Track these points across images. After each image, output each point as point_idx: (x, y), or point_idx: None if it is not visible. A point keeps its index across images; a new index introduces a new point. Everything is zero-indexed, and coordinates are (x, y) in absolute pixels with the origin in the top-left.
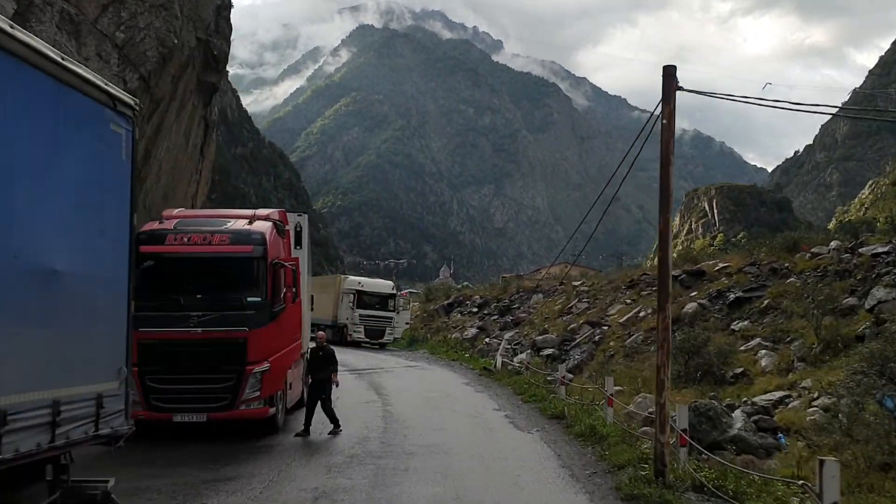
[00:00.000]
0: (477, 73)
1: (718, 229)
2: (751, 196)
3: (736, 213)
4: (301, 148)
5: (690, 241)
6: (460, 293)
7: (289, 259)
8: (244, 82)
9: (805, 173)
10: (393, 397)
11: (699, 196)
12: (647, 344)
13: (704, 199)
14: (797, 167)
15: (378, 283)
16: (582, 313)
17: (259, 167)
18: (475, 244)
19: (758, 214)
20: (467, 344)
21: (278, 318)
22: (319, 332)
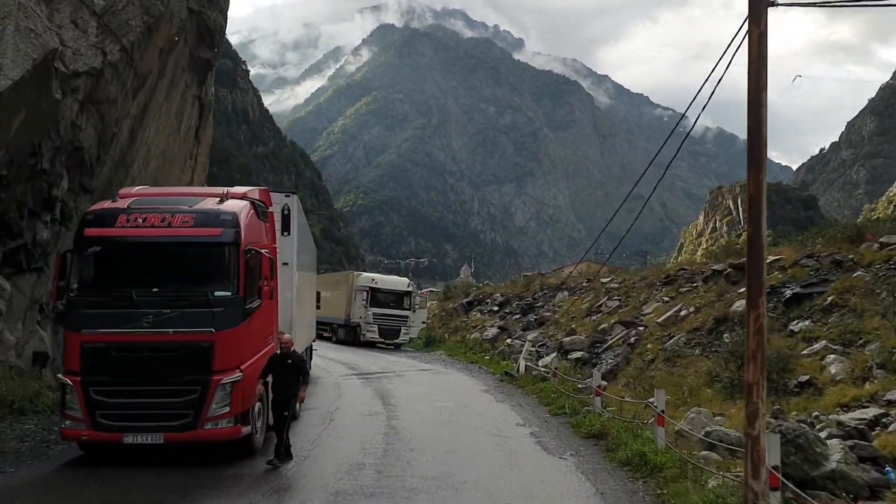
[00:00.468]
0: (498, 72)
1: (743, 228)
2: (776, 194)
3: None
4: (322, 147)
5: (715, 239)
6: (480, 291)
7: (268, 246)
8: (266, 82)
9: (831, 171)
10: (401, 408)
11: (723, 194)
12: (690, 346)
13: (729, 197)
14: (823, 165)
15: (393, 279)
16: (613, 312)
17: (280, 166)
18: (496, 243)
19: (783, 212)
20: (487, 345)
21: (252, 318)
22: (285, 335)
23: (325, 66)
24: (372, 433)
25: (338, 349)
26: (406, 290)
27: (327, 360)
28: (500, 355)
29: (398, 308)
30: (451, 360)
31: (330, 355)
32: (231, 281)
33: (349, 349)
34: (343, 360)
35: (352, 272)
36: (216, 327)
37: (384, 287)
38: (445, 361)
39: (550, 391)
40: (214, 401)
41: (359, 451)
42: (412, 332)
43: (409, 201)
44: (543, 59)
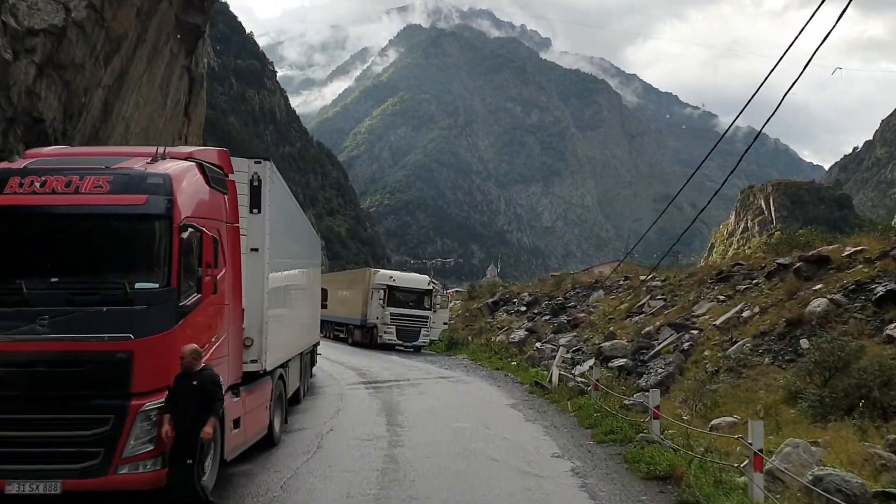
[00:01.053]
0: (525, 71)
1: (776, 227)
2: (809, 193)
3: (793, 210)
4: (349, 148)
5: (746, 239)
6: (506, 290)
7: (222, 224)
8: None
9: (864, 170)
10: (408, 430)
11: (755, 193)
12: (758, 354)
13: (761, 197)
14: (856, 164)
15: (412, 277)
16: (658, 313)
17: (307, 166)
18: (523, 243)
19: (816, 212)
20: (514, 349)
21: (189, 319)
22: (187, 345)
23: (352, 68)
24: (366, 468)
25: (352, 352)
26: (426, 289)
27: (336, 366)
28: (529, 361)
29: (418, 308)
30: (475, 366)
31: (341, 359)
32: (159, 268)
33: (364, 352)
34: (355, 364)
35: (368, 269)
36: (136, 332)
37: (403, 285)
38: (468, 367)
39: (591, 409)
40: (133, 435)
41: (342, 497)
42: (433, 333)
43: (436, 201)
44: (571, 58)
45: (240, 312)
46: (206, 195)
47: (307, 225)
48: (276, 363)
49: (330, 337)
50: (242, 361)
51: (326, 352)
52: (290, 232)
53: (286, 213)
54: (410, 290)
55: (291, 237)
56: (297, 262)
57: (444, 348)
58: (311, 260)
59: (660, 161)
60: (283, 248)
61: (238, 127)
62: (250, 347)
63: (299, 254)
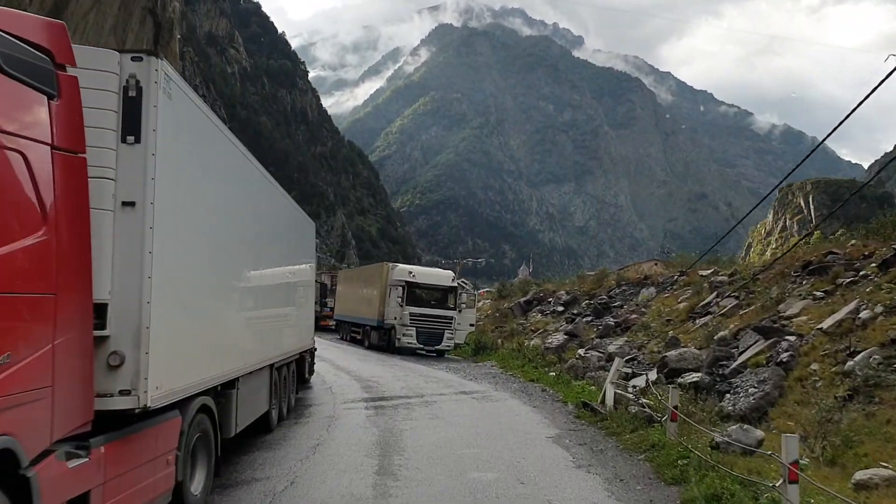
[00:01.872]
0: (557, 70)
1: (815, 226)
2: (850, 191)
3: (833, 209)
4: (380, 148)
5: (785, 238)
6: (540, 288)
7: (18, 143)
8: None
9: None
10: (403, 485)
11: (794, 192)
12: (893, 369)
13: (800, 195)
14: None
15: (434, 273)
16: (730, 314)
17: (338, 166)
18: (555, 243)
19: (858, 210)
20: (552, 356)
21: None
22: None
23: (384, 68)
24: None
25: (364, 357)
26: (450, 286)
27: (340, 374)
28: (571, 372)
29: (441, 307)
30: (505, 377)
31: (350, 365)
32: None
33: (378, 357)
34: (363, 373)
35: (386, 264)
36: None
37: (424, 281)
38: (497, 378)
39: (671, 451)
40: None
41: None
42: (458, 336)
43: (467, 201)
44: (604, 56)
45: (86, 309)
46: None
47: (281, 198)
48: (190, 390)
49: (346, 339)
50: (98, 394)
51: (336, 356)
52: (226, 190)
53: (210, 154)
54: (432, 287)
55: (235, 200)
56: (254, 241)
57: (470, 353)
58: (291, 245)
59: (695, 160)
60: (200, 208)
61: (270, 126)
62: (118, 369)
63: (265, 235)
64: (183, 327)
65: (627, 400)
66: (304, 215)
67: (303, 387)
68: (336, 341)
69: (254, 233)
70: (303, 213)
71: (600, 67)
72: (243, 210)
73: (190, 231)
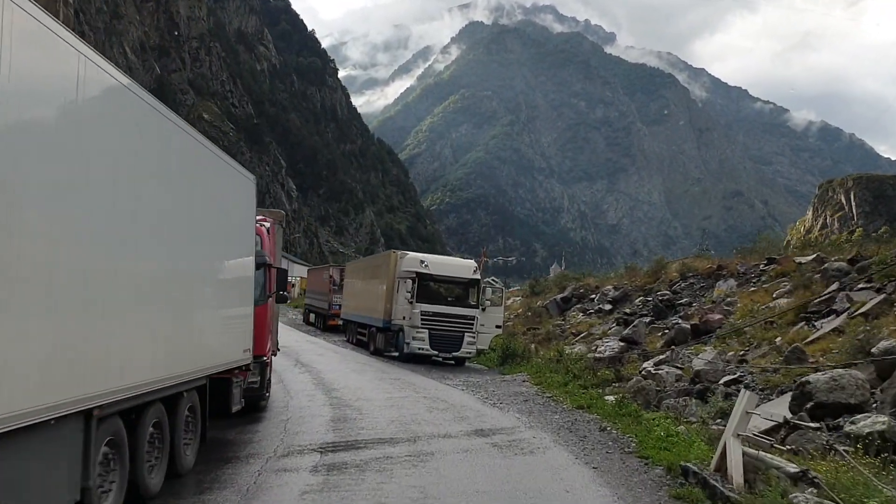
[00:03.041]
0: (589, 66)
1: (856, 223)
2: (893, 187)
3: (876, 205)
4: (410, 146)
5: (826, 236)
6: (580, 284)
7: None
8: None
9: None
10: None
11: (834, 188)
12: None
13: (841, 192)
14: None
15: (452, 262)
16: (879, 312)
17: (367, 164)
18: (587, 241)
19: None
20: (607, 371)
21: None
22: None
23: (415, 66)
24: None
25: (363, 366)
26: (472, 278)
27: (318, 393)
28: (639, 397)
29: (460, 305)
30: (542, 401)
31: (338, 380)
32: None
33: (381, 366)
34: (348, 392)
35: (394, 252)
36: None
37: (439, 273)
38: (531, 401)
39: None
40: None
41: None
42: (481, 341)
43: (497, 199)
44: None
45: None
46: None
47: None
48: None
49: (352, 341)
50: None
51: (327, 365)
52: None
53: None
54: (449, 280)
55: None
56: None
57: (496, 361)
58: (237, 240)
59: (729, 157)
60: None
61: (298, 124)
62: None
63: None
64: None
65: (773, 470)
66: (232, 168)
67: (247, 417)
68: (340, 344)
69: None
70: (229, 166)
71: (633, 64)
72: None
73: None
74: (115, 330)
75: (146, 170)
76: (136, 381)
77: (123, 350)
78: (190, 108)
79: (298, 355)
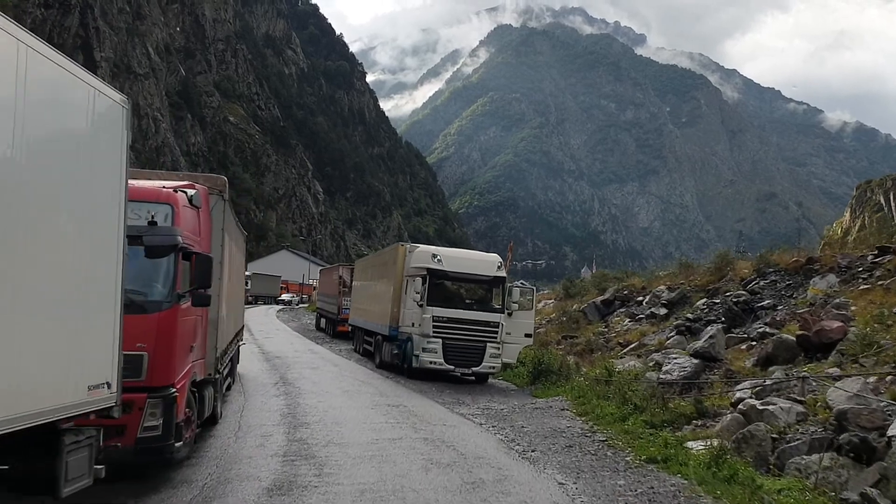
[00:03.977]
0: (619, 68)
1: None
2: None
3: None
4: (439, 149)
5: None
6: (624, 284)
7: None
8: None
9: None
10: None
11: (873, 188)
12: None
13: (879, 192)
14: None
15: (471, 257)
16: None
17: (395, 167)
18: (617, 244)
19: None
20: (682, 401)
21: None
22: None
23: (443, 70)
24: None
25: (360, 385)
26: (496, 276)
27: (279, 428)
28: (747, 449)
29: (481, 309)
30: (593, 445)
31: (314, 408)
32: None
33: (382, 385)
34: (316, 430)
35: (401, 245)
36: None
37: (455, 269)
38: (577, 450)
39: None
40: None
41: None
42: (507, 352)
43: (526, 202)
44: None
45: None
46: None
47: None
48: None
49: (359, 351)
50: None
51: (317, 383)
52: None
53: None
54: (468, 279)
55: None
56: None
57: (527, 378)
58: None
59: (763, 158)
60: None
61: (326, 127)
62: None
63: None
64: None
65: None
66: (75, 80)
67: (127, 482)
68: (345, 354)
69: None
70: (68, 74)
71: (664, 65)
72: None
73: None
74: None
75: None
76: None
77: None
78: (215, 111)
79: (288, 369)
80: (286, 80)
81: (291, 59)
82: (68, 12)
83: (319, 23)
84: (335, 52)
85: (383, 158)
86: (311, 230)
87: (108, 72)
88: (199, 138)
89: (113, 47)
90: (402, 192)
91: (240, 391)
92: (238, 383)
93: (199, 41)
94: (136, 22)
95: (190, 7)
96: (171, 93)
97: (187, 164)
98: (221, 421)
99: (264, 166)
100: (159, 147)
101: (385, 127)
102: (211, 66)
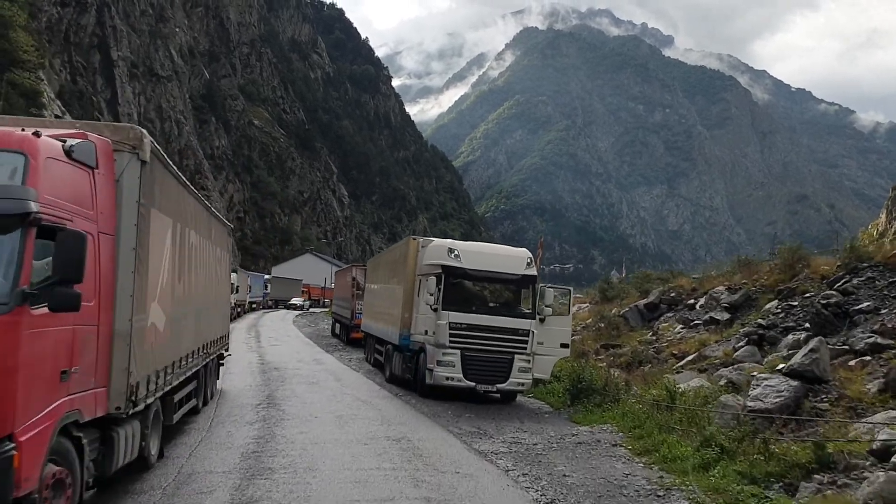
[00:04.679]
0: (647, 69)
1: None
2: None
3: None
4: (465, 153)
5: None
6: (671, 286)
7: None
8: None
9: None
10: None
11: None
12: None
13: None
14: None
15: (496, 251)
16: None
17: (421, 170)
18: (647, 247)
19: None
20: (783, 442)
21: None
22: None
23: (469, 74)
24: None
25: (358, 406)
26: (525, 274)
27: (226, 480)
28: None
29: (507, 313)
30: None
31: (293, 442)
32: None
33: (385, 405)
34: (283, 481)
35: (413, 239)
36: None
37: (475, 267)
38: None
39: None
40: None
41: None
42: (539, 365)
43: (553, 205)
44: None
45: None
46: None
47: None
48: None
49: (371, 361)
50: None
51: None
52: None
53: None
54: (492, 278)
55: None
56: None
57: (564, 397)
58: None
59: (794, 160)
60: None
61: (352, 131)
62: None
63: None
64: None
65: None
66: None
67: None
68: (354, 365)
69: None
70: None
71: (692, 66)
72: None
73: None
74: None
75: None
76: None
77: None
78: (240, 114)
79: (282, 384)
80: (311, 84)
81: (317, 63)
82: (85, 11)
83: (345, 27)
84: (361, 56)
85: (409, 162)
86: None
87: (126, 71)
88: (224, 142)
89: (134, 49)
90: (427, 195)
91: (209, 416)
92: (214, 403)
93: (224, 45)
94: (160, 24)
95: (214, 10)
96: (195, 96)
97: (211, 167)
98: (158, 464)
99: (289, 170)
100: (182, 150)
101: (410, 131)
102: (235, 69)
